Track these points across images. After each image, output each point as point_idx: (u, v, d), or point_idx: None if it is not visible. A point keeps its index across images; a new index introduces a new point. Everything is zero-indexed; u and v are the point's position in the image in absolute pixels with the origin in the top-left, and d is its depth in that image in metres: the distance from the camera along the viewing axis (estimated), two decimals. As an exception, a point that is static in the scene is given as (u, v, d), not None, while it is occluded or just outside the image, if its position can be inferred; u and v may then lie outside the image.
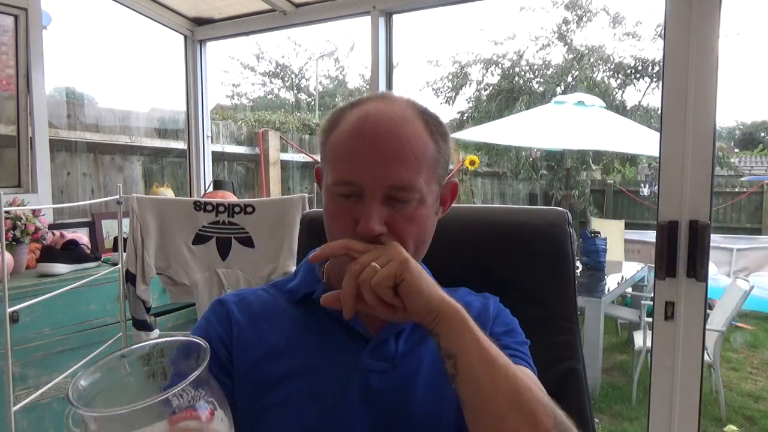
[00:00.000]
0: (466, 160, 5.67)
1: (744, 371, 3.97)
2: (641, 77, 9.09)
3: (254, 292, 0.80)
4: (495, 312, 0.78)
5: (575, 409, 0.82)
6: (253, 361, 0.71)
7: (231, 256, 1.79)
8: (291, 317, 0.75)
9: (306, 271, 0.80)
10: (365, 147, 0.65)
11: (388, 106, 0.68)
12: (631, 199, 8.78)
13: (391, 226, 0.66)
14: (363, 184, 0.65)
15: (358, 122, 0.67)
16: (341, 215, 0.68)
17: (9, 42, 2.31)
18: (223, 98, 11.74)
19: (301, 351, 0.71)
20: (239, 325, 0.74)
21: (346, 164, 0.66)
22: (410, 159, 0.65)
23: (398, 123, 0.66)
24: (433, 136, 0.69)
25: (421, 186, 0.66)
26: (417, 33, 16.74)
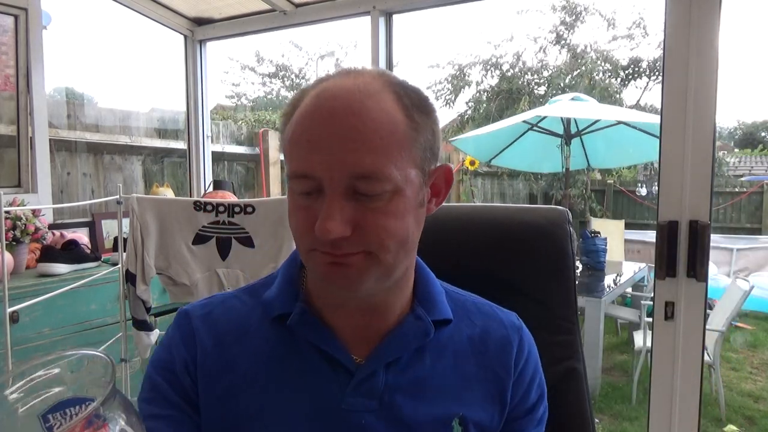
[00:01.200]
0: (466, 160, 5.68)
1: (744, 371, 3.97)
2: (638, 77, 9.09)
3: (225, 302, 0.67)
4: (528, 366, 0.67)
5: (575, 409, 0.82)
6: (220, 392, 0.60)
7: (231, 256, 1.79)
8: (265, 338, 0.63)
9: (285, 281, 0.66)
10: (319, 129, 0.53)
11: (350, 79, 0.56)
12: (631, 199, 8.78)
13: (359, 226, 0.53)
14: (319, 175, 0.53)
15: (314, 101, 0.55)
16: (300, 215, 0.56)
17: (9, 42, 2.31)
18: (223, 98, 11.74)
19: (275, 383, 0.61)
20: (204, 347, 0.62)
21: (300, 152, 0.54)
22: (373, 140, 0.52)
23: (358, 96, 0.53)
24: (407, 110, 0.55)
25: (392, 173, 0.53)
26: (417, 34, 16.74)
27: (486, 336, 0.66)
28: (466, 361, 0.65)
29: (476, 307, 0.69)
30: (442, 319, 0.64)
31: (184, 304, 0.68)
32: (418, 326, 0.62)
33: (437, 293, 0.66)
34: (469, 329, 0.66)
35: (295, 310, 0.62)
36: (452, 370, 0.64)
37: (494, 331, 0.67)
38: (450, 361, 0.64)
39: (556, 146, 4.63)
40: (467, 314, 0.68)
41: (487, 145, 5.05)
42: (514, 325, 0.69)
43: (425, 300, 0.65)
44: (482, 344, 0.66)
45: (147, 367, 0.64)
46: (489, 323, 0.68)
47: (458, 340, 0.65)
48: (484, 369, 0.65)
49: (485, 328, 0.67)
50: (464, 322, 0.67)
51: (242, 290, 0.69)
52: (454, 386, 0.63)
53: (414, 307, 0.64)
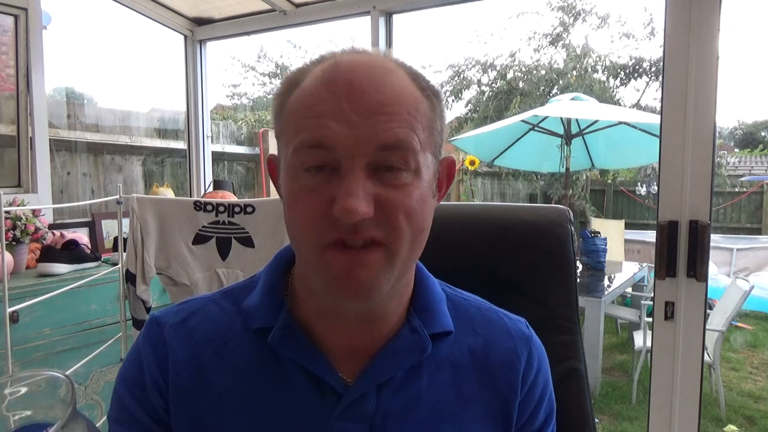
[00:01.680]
0: (466, 160, 5.68)
1: (744, 371, 3.97)
2: (638, 77, 9.10)
3: (203, 307, 0.60)
4: (537, 384, 0.62)
5: (576, 409, 0.82)
6: (193, 415, 0.55)
7: (231, 256, 1.79)
8: (245, 352, 0.57)
9: (267, 287, 0.59)
10: (338, 100, 0.48)
11: (362, 55, 0.52)
12: (631, 199, 8.79)
13: (380, 203, 0.48)
14: (339, 146, 0.47)
15: (327, 73, 0.50)
16: (309, 196, 0.49)
17: (9, 42, 2.31)
18: (223, 98, 11.74)
19: (256, 405, 0.55)
20: (177, 363, 0.56)
21: (312, 122, 0.48)
22: (400, 113, 0.49)
23: (379, 72, 0.50)
24: (425, 91, 0.53)
25: (417, 149, 0.49)
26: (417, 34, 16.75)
27: (489, 349, 0.60)
28: (467, 376, 0.59)
29: (481, 313, 0.63)
30: (442, 332, 0.58)
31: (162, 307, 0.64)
32: (413, 341, 0.56)
33: (437, 301, 0.60)
34: (471, 340, 0.61)
35: (278, 324, 0.55)
36: (450, 387, 0.58)
37: (500, 343, 0.61)
38: (448, 377, 0.58)
39: (557, 146, 4.63)
40: (470, 322, 0.62)
41: (489, 145, 5.05)
42: (522, 336, 0.63)
43: (423, 309, 0.59)
44: (485, 358, 0.60)
45: (116, 381, 0.58)
46: (494, 333, 0.62)
47: (458, 352, 0.60)
48: (486, 386, 0.59)
49: (489, 339, 0.61)
50: (466, 331, 0.61)
51: (222, 293, 0.63)
52: (451, 405, 0.57)
53: (410, 318, 0.58)
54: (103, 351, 1.88)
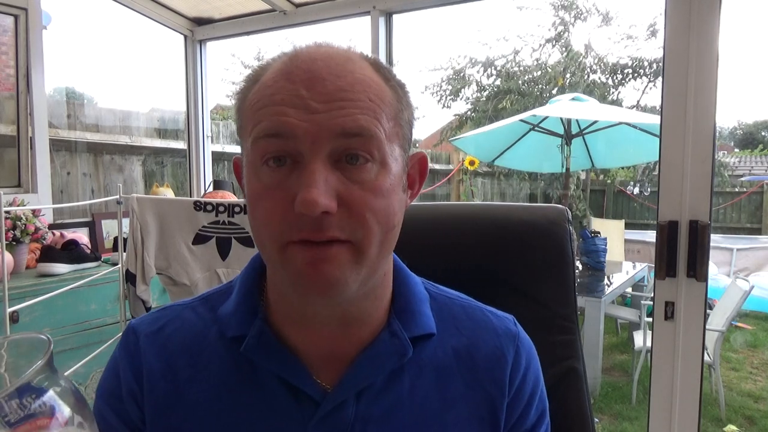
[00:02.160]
0: (465, 160, 5.68)
1: (744, 371, 3.97)
2: (638, 77, 9.11)
3: (180, 315, 0.59)
4: (527, 382, 0.59)
5: (575, 409, 0.82)
6: (171, 425, 0.54)
7: (231, 255, 1.79)
8: (220, 362, 0.55)
9: (242, 294, 0.57)
10: (297, 89, 0.46)
11: (323, 47, 0.51)
12: (631, 199, 8.79)
13: (345, 200, 0.46)
14: (298, 134, 0.45)
15: (287, 65, 0.48)
16: (270, 192, 0.47)
17: (9, 42, 2.31)
18: (223, 98, 11.75)
19: (230, 415, 0.53)
20: (152, 373, 0.55)
21: (270, 110, 0.47)
22: (363, 99, 0.47)
23: (340, 60, 0.49)
24: (389, 81, 0.51)
25: (382, 137, 0.47)
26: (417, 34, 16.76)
27: (475, 348, 0.58)
28: (451, 378, 0.57)
29: (465, 312, 0.61)
30: (423, 335, 0.56)
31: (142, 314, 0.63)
32: (393, 345, 0.54)
33: (418, 301, 0.58)
34: (455, 340, 0.58)
35: (252, 332, 0.53)
36: (434, 390, 0.56)
37: (485, 342, 0.59)
38: (431, 380, 0.56)
39: (557, 146, 4.63)
40: (454, 321, 0.60)
41: (489, 145, 5.05)
42: (509, 333, 0.60)
43: (403, 311, 0.56)
44: (470, 359, 0.58)
45: (96, 392, 0.58)
46: (479, 332, 0.59)
47: (442, 354, 0.57)
48: (472, 387, 0.57)
49: (474, 338, 0.59)
50: (450, 331, 0.59)
51: (199, 300, 0.61)
52: (435, 409, 0.55)
53: (390, 321, 0.56)
54: (103, 351, 1.88)
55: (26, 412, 0.37)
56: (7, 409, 0.36)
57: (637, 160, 6.01)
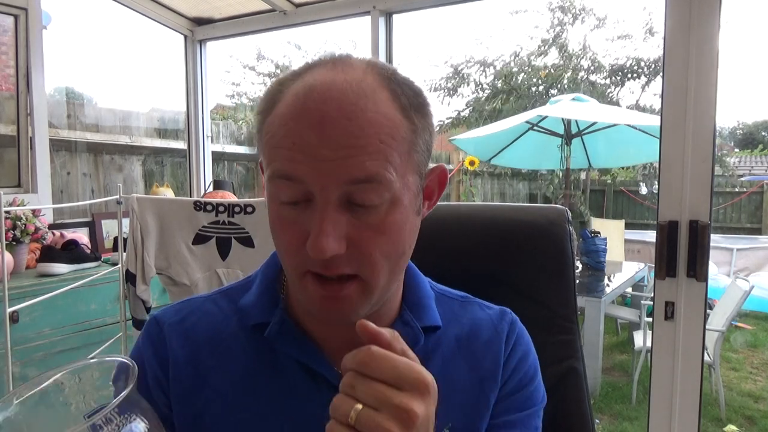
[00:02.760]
0: (465, 160, 5.67)
1: (744, 371, 3.97)
2: (637, 77, 9.10)
3: (201, 307, 0.62)
4: (515, 353, 0.63)
5: (575, 409, 0.82)
6: (193, 411, 0.56)
7: (231, 256, 1.79)
8: (242, 349, 0.58)
9: (263, 286, 0.61)
10: (308, 133, 0.47)
11: (339, 74, 0.50)
12: (631, 199, 8.79)
13: (354, 242, 0.49)
14: (309, 180, 0.47)
15: (300, 98, 0.49)
16: (286, 227, 0.50)
17: (9, 42, 2.32)
18: (223, 98, 11.74)
19: (254, 402, 0.56)
20: (177, 361, 0.57)
21: (285, 153, 0.48)
22: (373, 143, 0.47)
23: (353, 98, 0.48)
24: (406, 111, 0.50)
25: (392, 179, 0.48)
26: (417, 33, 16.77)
27: (474, 335, 0.63)
28: (455, 364, 0.61)
29: (464, 307, 0.66)
30: (431, 326, 0.61)
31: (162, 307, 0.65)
32: (406, 333, 0.57)
33: (427, 297, 0.63)
34: (456, 329, 0.63)
35: (274, 320, 0.57)
36: (440, 377, 0.57)
37: (482, 329, 0.64)
38: (438, 368, 0.59)
39: (557, 146, 4.64)
40: (454, 315, 0.65)
41: (487, 144, 5.05)
42: (504, 317, 0.66)
43: (414, 304, 0.61)
44: (470, 342, 0.63)
45: None
46: (476, 321, 0.65)
47: (445, 343, 0.62)
48: (473, 366, 0.62)
49: (473, 325, 0.64)
50: (451, 324, 0.64)
51: (219, 293, 0.65)
52: (442, 393, 0.57)
53: (402, 313, 0.60)
54: (103, 351, 1.88)
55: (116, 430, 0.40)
56: (105, 429, 0.39)
57: (635, 160, 6.02)
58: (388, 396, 0.42)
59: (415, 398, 0.42)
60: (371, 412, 0.41)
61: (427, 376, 0.44)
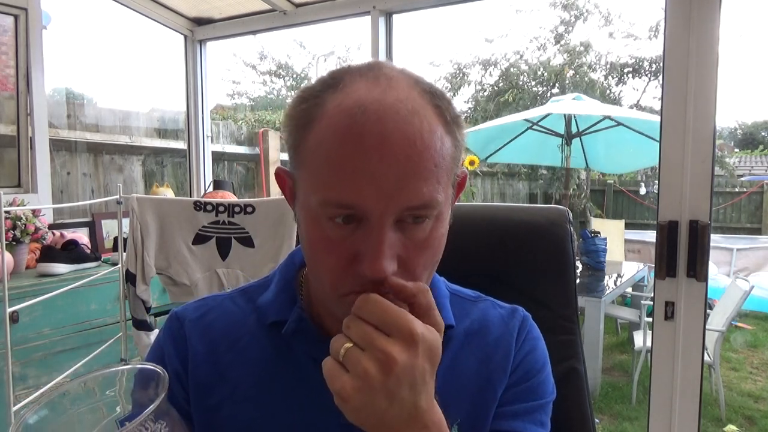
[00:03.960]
0: (465, 160, 5.67)
1: (744, 371, 3.97)
2: (639, 76, 9.10)
3: (220, 304, 0.64)
4: (524, 347, 0.63)
5: (575, 409, 0.82)
6: (211, 405, 0.58)
7: (231, 256, 1.79)
8: (260, 346, 0.60)
9: (281, 285, 0.63)
10: (370, 153, 0.46)
11: (387, 92, 0.48)
12: (631, 199, 8.79)
13: (403, 261, 0.49)
14: (369, 207, 0.47)
15: (351, 119, 0.47)
16: (333, 247, 0.49)
17: (9, 42, 2.31)
18: (223, 97, 11.74)
19: (270, 397, 0.57)
20: (196, 356, 0.59)
21: (342, 180, 0.47)
22: (429, 168, 0.48)
23: (409, 119, 0.47)
24: (449, 127, 0.51)
25: (441, 199, 0.50)
26: (417, 33, 16.77)
27: (485, 328, 0.64)
28: (464, 357, 0.62)
29: (476, 305, 0.67)
30: (445, 325, 0.60)
31: (182, 304, 0.66)
32: None
33: (442, 297, 0.64)
34: (465, 324, 0.64)
35: (291, 317, 0.58)
36: (450, 373, 0.60)
37: (494, 324, 0.64)
38: (447, 364, 0.60)
39: (557, 146, 4.64)
40: (467, 313, 0.66)
41: (486, 141, 5.05)
42: (515, 314, 0.66)
43: None
44: (480, 336, 0.63)
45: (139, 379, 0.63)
46: (488, 317, 0.65)
47: (455, 339, 0.63)
48: (483, 360, 0.62)
49: (484, 321, 0.65)
50: (463, 321, 0.65)
51: (238, 292, 0.66)
52: (452, 391, 0.59)
53: None
54: (103, 351, 1.88)
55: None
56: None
57: (633, 166, 6.00)
58: (372, 338, 0.44)
59: (398, 345, 0.44)
60: (357, 351, 0.44)
61: (416, 326, 0.45)
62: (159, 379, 0.44)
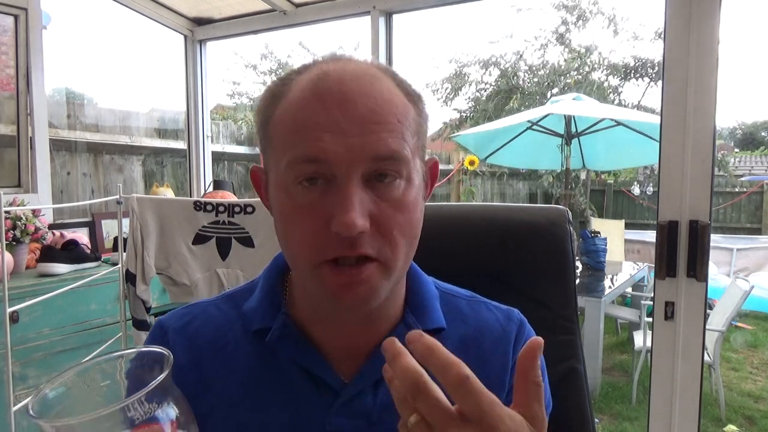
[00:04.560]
0: (465, 160, 5.67)
1: (744, 371, 3.97)
2: (640, 77, 9.10)
3: (205, 311, 0.63)
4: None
5: (575, 409, 0.82)
6: (198, 415, 0.55)
7: (231, 256, 1.79)
8: (245, 354, 0.58)
9: (265, 290, 0.61)
10: (332, 112, 0.48)
11: (347, 64, 0.52)
12: (631, 199, 8.79)
13: (376, 219, 0.49)
14: (334, 160, 0.47)
15: (315, 84, 0.50)
16: (304, 214, 0.49)
17: (9, 42, 2.31)
18: (224, 97, 11.74)
19: (255, 405, 0.57)
20: (181, 365, 0.57)
21: (306, 137, 0.48)
22: (392, 121, 0.49)
23: (368, 79, 0.50)
24: (410, 97, 0.53)
25: (409, 158, 0.50)
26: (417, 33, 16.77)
27: (481, 336, 0.62)
28: None
29: (471, 306, 0.65)
30: (435, 328, 0.60)
31: (182, 305, 0.65)
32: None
33: (430, 298, 0.62)
34: (461, 330, 0.62)
35: (276, 324, 0.57)
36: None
37: (490, 330, 0.63)
38: None
39: (557, 146, 4.63)
40: (461, 316, 0.63)
41: (486, 141, 5.05)
42: (512, 319, 0.64)
43: (417, 307, 0.61)
44: (476, 345, 0.61)
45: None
46: (484, 323, 0.63)
47: (450, 346, 0.57)
48: (479, 369, 0.57)
49: (480, 328, 0.63)
50: (457, 324, 0.63)
51: (223, 298, 0.65)
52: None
53: (405, 316, 0.60)
54: (103, 351, 1.88)
55: (150, 416, 0.41)
56: (137, 410, 0.41)
57: (632, 163, 6.00)
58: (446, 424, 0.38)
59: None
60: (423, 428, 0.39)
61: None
62: (163, 360, 0.45)
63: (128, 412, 0.40)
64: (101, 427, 0.39)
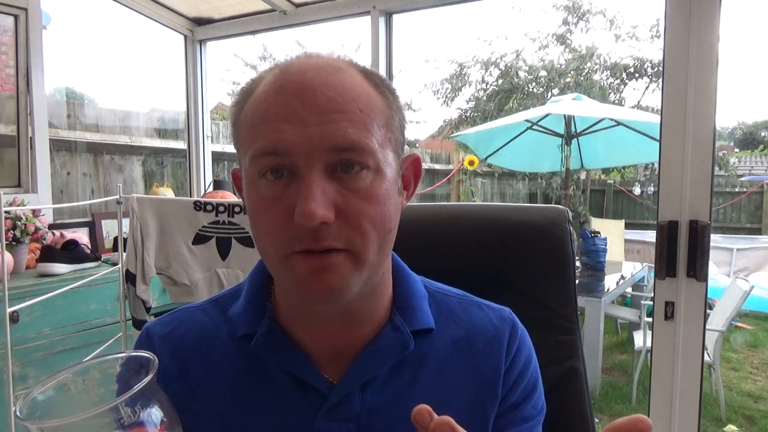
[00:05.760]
0: (465, 160, 5.68)
1: (744, 371, 3.97)
2: (640, 77, 9.10)
3: (192, 316, 0.62)
4: (518, 362, 0.61)
5: (575, 409, 0.82)
6: (184, 425, 0.57)
7: (231, 255, 1.79)
8: (231, 359, 0.58)
9: (250, 295, 0.60)
10: (290, 102, 0.48)
11: (313, 58, 0.52)
12: (631, 199, 8.79)
13: (342, 209, 0.48)
14: (293, 150, 0.47)
15: (277, 76, 0.50)
16: (269, 206, 0.49)
17: (9, 42, 2.31)
18: (224, 97, 11.75)
19: (242, 411, 0.56)
20: (167, 374, 0.57)
21: (266, 129, 0.48)
22: (353, 111, 0.48)
23: (331, 70, 0.50)
24: (379, 88, 0.52)
25: (374, 148, 0.49)
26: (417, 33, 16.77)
27: (472, 338, 0.61)
28: (452, 368, 0.59)
29: (462, 306, 0.64)
30: (423, 329, 0.59)
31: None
32: (396, 338, 0.56)
33: (418, 298, 0.61)
34: (453, 331, 0.61)
35: (260, 330, 0.56)
36: (435, 381, 0.58)
37: (482, 331, 0.61)
38: (433, 372, 0.58)
39: (557, 146, 4.64)
40: (452, 316, 0.62)
41: (486, 140, 5.05)
42: (504, 319, 0.63)
43: (404, 307, 0.59)
44: (468, 346, 0.60)
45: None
46: (476, 323, 0.62)
47: (441, 346, 0.60)
48: (471, 372, 0.59)
49: (471, 329, 0.61)
50: (448, 324, 0.61)
51: (210, 302, 0.64)
52: (438, 399, 0.56)
53: (392, 317, 0.58)
54: (103, 351, 1.88)
55: (136, 419, 0.42)
56: (122, 413, 0.41)
57: (630, 161, 6.01)
58: None
59: None
60: None
61: None
62: (149, 365, 0.45)
63: (115, 414, 0.40)
64: (88, 430, 0.39)
